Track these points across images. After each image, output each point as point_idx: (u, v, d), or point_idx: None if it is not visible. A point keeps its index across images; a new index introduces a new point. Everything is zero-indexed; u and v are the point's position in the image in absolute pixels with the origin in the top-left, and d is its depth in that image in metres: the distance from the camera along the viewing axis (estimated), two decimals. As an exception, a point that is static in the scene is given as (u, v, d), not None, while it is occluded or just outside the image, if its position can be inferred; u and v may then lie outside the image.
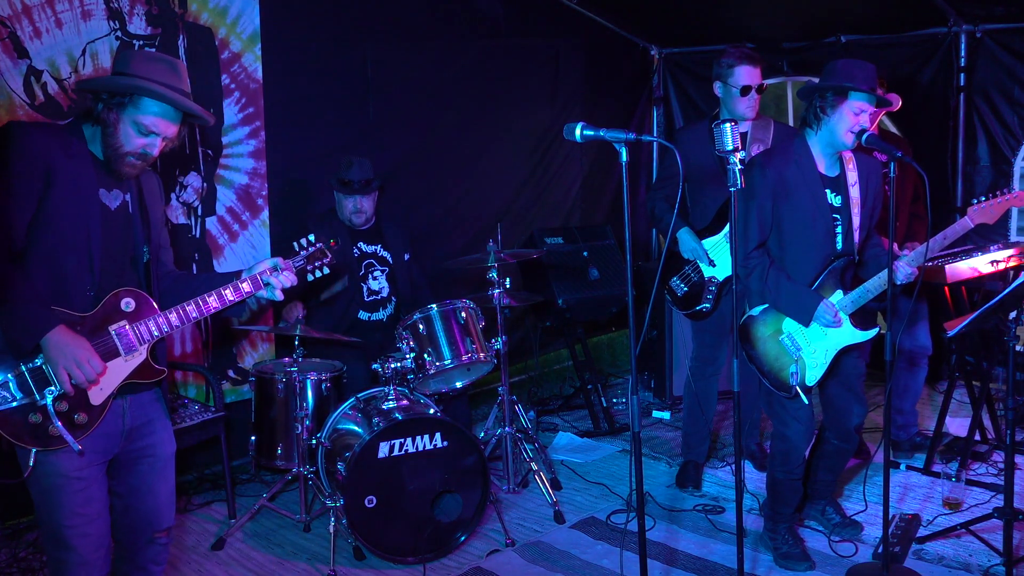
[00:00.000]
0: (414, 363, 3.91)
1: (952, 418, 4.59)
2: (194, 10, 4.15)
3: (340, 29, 4.73)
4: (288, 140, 4.54)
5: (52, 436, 2.34)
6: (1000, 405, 4.42)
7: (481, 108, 5.47)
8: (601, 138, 2.42)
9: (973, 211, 3.38)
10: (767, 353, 3.36)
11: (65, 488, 2.38)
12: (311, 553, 3.71)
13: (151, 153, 2.43)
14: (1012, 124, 5.12)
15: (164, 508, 2.65)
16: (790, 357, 3.34)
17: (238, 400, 4.43)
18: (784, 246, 3.34)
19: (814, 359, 3.34)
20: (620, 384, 6.00)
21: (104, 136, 2.39)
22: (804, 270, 3.33)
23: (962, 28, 5.14)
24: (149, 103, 2.37)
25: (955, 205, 5.27)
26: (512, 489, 4.26)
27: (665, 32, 6.24)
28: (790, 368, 3.33)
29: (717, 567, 3.49)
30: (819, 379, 3.37)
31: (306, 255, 2.74)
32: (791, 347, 3.34)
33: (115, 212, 2.45)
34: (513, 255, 4.30)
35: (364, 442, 3.51)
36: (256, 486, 4.35)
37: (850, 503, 3.96)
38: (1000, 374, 4.96)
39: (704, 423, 4.32)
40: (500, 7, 5.42)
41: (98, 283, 2.40)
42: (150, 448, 2.59)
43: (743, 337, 3.39)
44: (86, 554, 2.44)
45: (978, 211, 3.38)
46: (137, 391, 2.53)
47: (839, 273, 3.33)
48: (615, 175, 6.23)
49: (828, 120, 3.23)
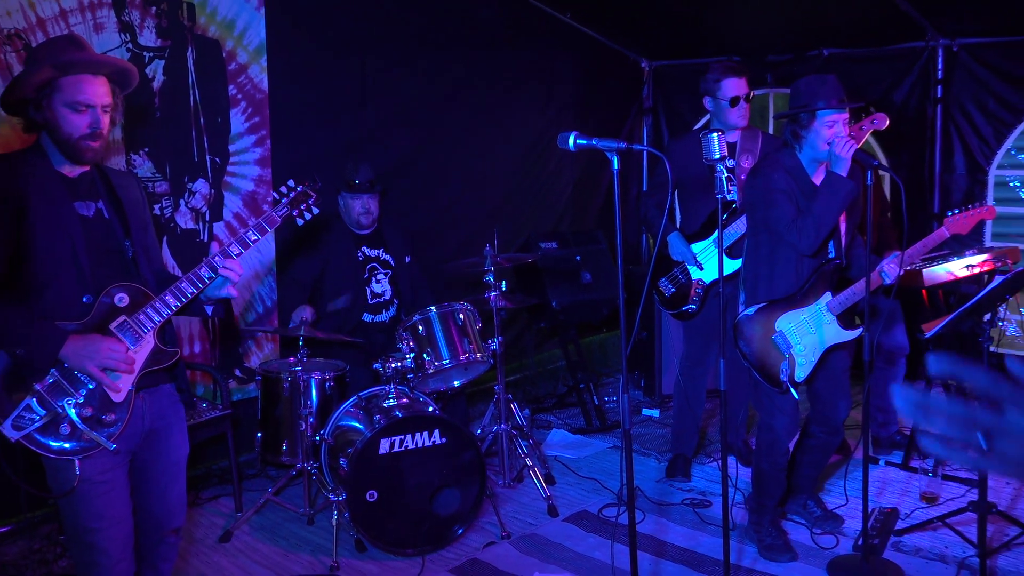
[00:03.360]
0: (414, 363, 3.92)
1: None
2: (202, 23, 4.15)
3: (341, 41, 4.73)
4: (292, 148, 4.53)
5: (85, 442, 2.32)
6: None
7: (477, 117, 5.47)
8: (594, 147, 2.40)
9: (949, 222, 3.44)
10: (759, 351, 3.38)
11: (90, 493, 2.35)
12: (314, 545, 3.71)
13: (100, 129, 2.34)
14: (987, 135, 5.14)
15: (175, 509, 2.63)
16: (781, 354, 3.35)
17: (244, 398, 4.42)
18: (774, 251, 3.36)
19: (803, 356, 3.35)
20: (611, 383, 6.00)
21: (52, 134, 2.33)
22: (795, 274, 3.34)
23: (939, 42, 5.16)
24: (66, 80, 2.30)
25: (932, 212, 5.28)
26: (508, 484, 4.26)
27: (655, 45, 6.26)
28: (781, 365, 3.35)
29: (704, 558, 3.50)
30: (808, 375, 3.38)
31: (288, 201, 2.57)
32: (783, 345, 3.35)
33: (92, 219, 2.41)
34: (509, 259, 4.30)
35: (366, 439, 3.51)
36: (262, 481, 4.35)
37: (831, 497, 3.97)
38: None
39: (693, 420, 4.33)
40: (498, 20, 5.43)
41: (92, 289, 2.36)
42: (165, 453, 2.56)
43: (737, 336, 3.41)
44: (115, 555, 2.41)
45: (953, 222, 3.43)
46: (155, 384, 2.50)
47: (828, 276, 3.35)
48: (604, 181, 6.24)
49: (806, 138, 3.27)
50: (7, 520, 3.68)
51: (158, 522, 2.60)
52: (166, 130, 4.08)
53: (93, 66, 2.35)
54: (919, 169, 5.34)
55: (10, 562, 3.51)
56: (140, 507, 2.55)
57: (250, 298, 4.47)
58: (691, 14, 5.50)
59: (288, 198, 2.58)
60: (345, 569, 3.48)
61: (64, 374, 2.31)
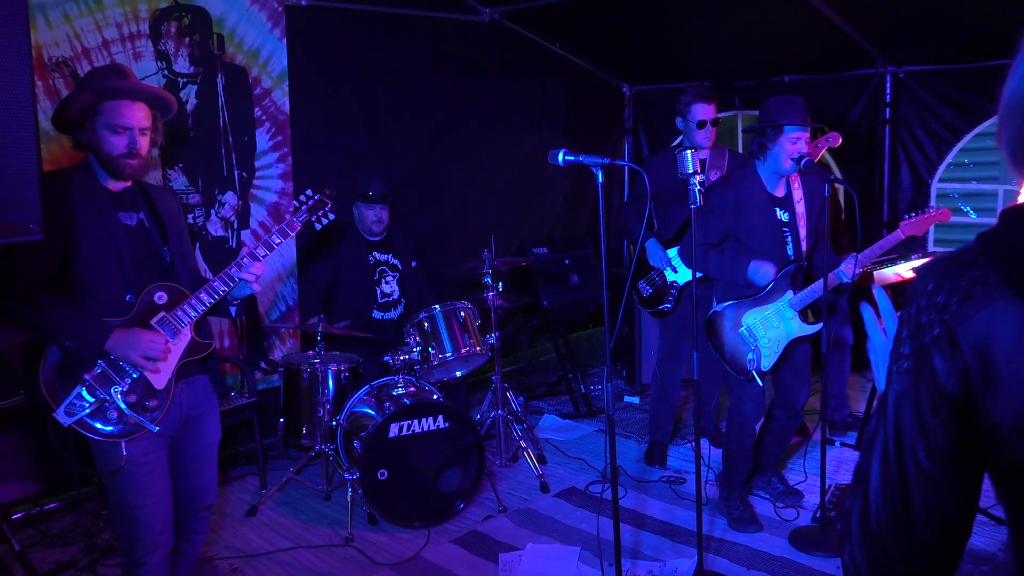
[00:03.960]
0: (420, 355, 3.93)
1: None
2: (231, 52, 4.17)
3: (355, 69, 4.74)
4: (311, 163, 4.55)
5: (131, 426, 2.34)
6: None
7: (476, 135, 5.49)
8: (580, 162, 2.43)
9: (904, 225, 3.35)
10: (729, 343, 3.40)
11: (135, 473, 2.37)
12: (331, 519, 3.73)
13: (137, 149, 2.37)
14: (930, 152, 5.18)
15: (209, 488, 2.65)
16: (748, 346, 3.38)
17: (269, 388, 4.43)
18: (742, 253, 3.39)
19: (768, 348, 3.38)
20: (596, 373, 6.01)
21: (96, 152, 2.36)
22: (760, 275, 3.38)
23: (887, 70, 5.19)
24: (107, 105, 2.33)
25: (882, 220, 5.32)
26: (504, 463, 4.29)
27: (635, 72, 6.28)
28: (748, 356, 3.37)
29: (680, 529, 3.53)
30: (773, 365, 3.41)
31: (307, 208, 2.64)
32: (749, 338, 3.37)
33: (135, 228, 2.44)
34: (505, 263, 4.33)
35: (377, 423, 3.53)
36: (284, 462, 4.36)
37: (792, 475, 4.00)
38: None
39: (669, 407, 4.35)
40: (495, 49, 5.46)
41: (134, 289, 2.39)
42: (200, 437, 2.59)
43: (709, 330, 3.43)
44: (156, 529, 2.43)
45: (909, 225, 3.35)
46: (192, 374, 2.52)
47: (790, 276, 3.38)
48: (591, 193, 6.25)
49: (771, 150, 3.28)
50: (56, 497, 3.70)
51: (193, 499, 2.62)
52: (198, 148, 4.10)
53: (132, 92, 2.37)
54: (870, 182, 5.38)
55: (58, 535, 3.53)
56: (177, 486, 2.57)
57: (273, 298, 4.49)
58: (667, 45, 5.53)
59: (307, 205, 2.64)
60: (359, 540, 3.50)
61: (111, 365, 2.33)
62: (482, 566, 3.28)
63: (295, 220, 2.60)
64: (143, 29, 3.83)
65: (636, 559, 3.30)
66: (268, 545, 3.50)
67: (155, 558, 2.44)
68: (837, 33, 4.72)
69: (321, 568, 3.31)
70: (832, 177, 3.20)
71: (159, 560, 2.46)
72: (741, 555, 3.29)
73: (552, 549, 3.38)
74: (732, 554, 3.30)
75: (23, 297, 2.27)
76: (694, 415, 3.17)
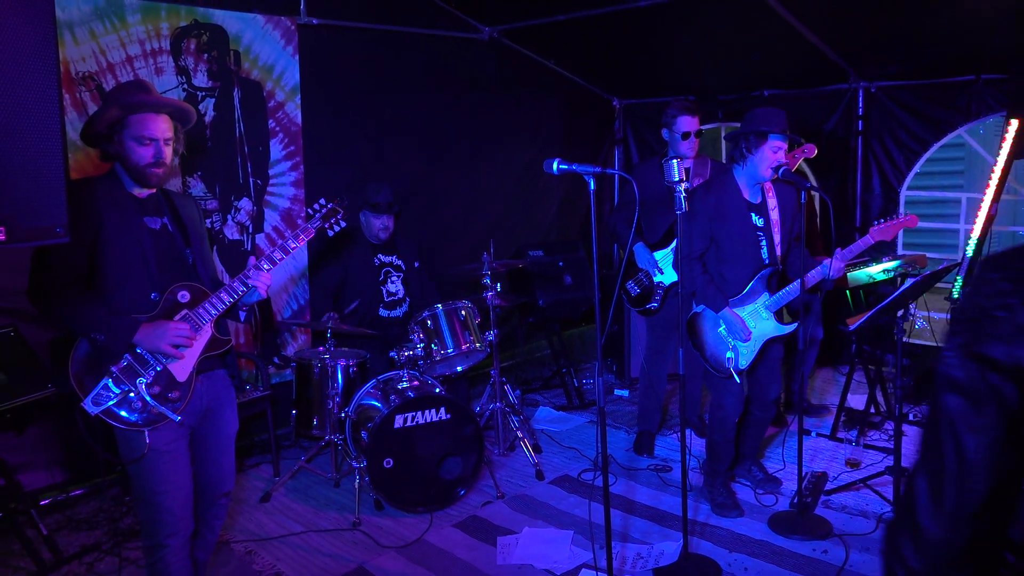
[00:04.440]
0: (424, 351, 3.91)
1: (853, 395, 4.63)
2: (246, 67, 4.14)
3: (363, 83, 4.73)
4: (321, 172, 4.53)
5: (154, 415, 2.32)
6: (891, 385, 4.47)
7: (476, 146, 5.47)
8: (574, 171, 2.42)
9: (874, 230, 3.32)
10: (709, 343, 3.38)
11: (158, 461, 2.35)
12: (340, 504, 3.71)
13: (162, 158, 2.36)
14: (899, 162, 5.17)
15: (227, 476, 2.63)
16: (726, 346, 3.36)
17: (282, 382, 4.41)
18: (721, 259, 3.37)
19: (746, 347, 3.36)
20: (588, 368, 6.00)
21: (123, 163, 2.35)
22: (737, 277, 3.35)
23: (860, 85, 5.18)
24: (133, 118, 2.32)
25: (855, 225, 5.31)
26: (502, 452, 4.26)
27: (625, 87, 6.27)
28: (727, 354, 3.35)
29: (666, 515, 3.51)
30: (750, 363, 3.39)
31: (321, 215, 2.63)
32: (727, 338, 3.36)
33: (159, 232, 2.43)
34: (503, 264, 4.30)
35: (383, 415, 3.51)
36: (296, 451, 4.34)
37: (771, 463, 3.99)
38: (891, 360, 5.02)
39: (656, 399, 4.33)
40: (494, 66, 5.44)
41: (159, 288, 2.38)
42: (219, 428, 2.56)
43: (690, 330, 3.41)
44: (177, 514, 2.41)
45: (879, 230, 3.32)
46: (211, 368, 2.50)
47: (766, 279, 3.36)
48: (584, 200, 6.24)
49: (752, 157, 3.25)
50: (81, 484, 3.67)
51: (212, 486, 2.59)
52: (216, 157, 4.08)
53: (156, 106, 2.36)
54: (844, 190, 5.36)
55: (83, 519, 3.51)
56: (197, 474, 2.55)
57: (287, 298, 4.46)
58: (654, 61, 5.52)
59: (320, 213, 2.63)
60: (366, 524, 3.48)
61: (136, 358, 2.32)
62: (481, 549, 3.26)
63: (310, 226, 2.60)
64: (164, 46, 3.81)
65: (626, 542, 3.28)
66: (281, 529, 3.48)
67: (176, 541, 2.42)
68: (813, 51, 4.71)
69: (330, 551, 3.28)
70: (808, 185, 3.17)
71: (179, 543, 2.44)
72: (724, 538, 3.28)
73: (547, 533, 3.36)
74: (715, 537, 3.29)
75: (57, 293, 2.28)
76: (680, 407, 3.14)
